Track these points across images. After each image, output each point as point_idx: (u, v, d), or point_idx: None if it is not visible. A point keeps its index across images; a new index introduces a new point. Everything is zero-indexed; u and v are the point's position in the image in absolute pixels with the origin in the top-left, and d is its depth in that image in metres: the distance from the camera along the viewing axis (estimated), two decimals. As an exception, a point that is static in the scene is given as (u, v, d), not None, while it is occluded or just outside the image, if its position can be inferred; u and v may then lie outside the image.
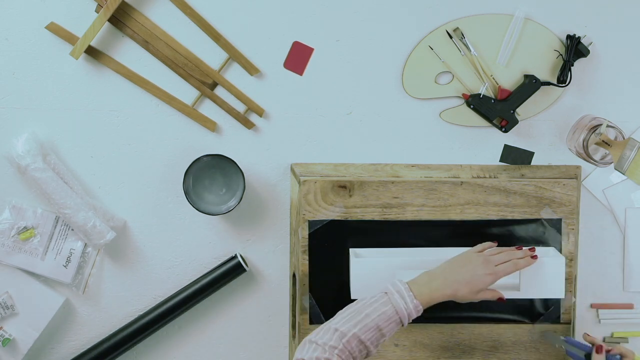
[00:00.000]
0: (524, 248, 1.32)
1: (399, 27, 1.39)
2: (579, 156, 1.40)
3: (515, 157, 1.43)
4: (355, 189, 1.39)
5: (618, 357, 1.29)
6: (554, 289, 1.35)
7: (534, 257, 1.31)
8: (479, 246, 1.32)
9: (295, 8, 1.38)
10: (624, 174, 1.34)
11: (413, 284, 1.21)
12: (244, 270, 1.40)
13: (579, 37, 1.38)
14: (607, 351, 1.28)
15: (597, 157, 1.38)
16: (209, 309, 1.44)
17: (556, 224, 1.39)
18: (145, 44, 1.38)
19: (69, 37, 1.36)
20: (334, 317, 1.17)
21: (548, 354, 1.41)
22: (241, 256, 1.42)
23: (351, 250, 1.38)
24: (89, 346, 1.42)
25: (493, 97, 1.39)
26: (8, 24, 1.36)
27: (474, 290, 1.24)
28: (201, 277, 1.41)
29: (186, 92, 1.40)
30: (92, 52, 1.37)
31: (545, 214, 1.39)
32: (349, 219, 1.39)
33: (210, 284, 1.40)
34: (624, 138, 1.36)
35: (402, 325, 1.18)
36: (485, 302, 1.29)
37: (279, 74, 1.40)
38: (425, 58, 1.40)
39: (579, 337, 1.44)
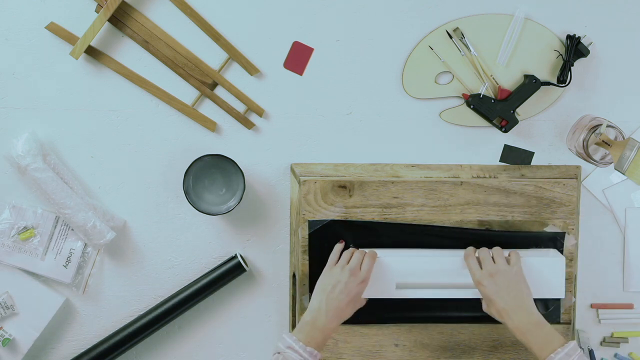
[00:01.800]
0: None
1: (399, 27, 1.39)
2: (579, 156, 1.40)
3: (515, 157, 1.43)
4: (355, 189, 1.39)
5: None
6: (554, 289, 1.35)
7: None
8: (331, 258, 1.33)
9: (295, 8, 1.38)
10: (624, 174, 1.34)
11: (299, 332, 1.22)
12: (244, 270, 1.40)
13: (579, 37, 1.38)
14: None
15: (597, 157, 1.38)
16: (209, 309, 1.44)
17: (559, 238, 1.39)
18: (145, 44, 1.38)
19: (69, 37, 1.36)
20: None
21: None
22: (241, 256, 1.42)
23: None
24: (89, 346, 1.42)
25: (493, 97, 1.39)
26: (8, 24, 1.36)
27: (356, 304, 1.28)
28: (201, 277, 1.41)
29: (186, 92, 1.40)
30: (92, 52, 1.37)
31: (550, 229, 1.39)
32: (349, 219, 1.39)
33: (210, 284, 1.40)
34: (624, 138, 1.36)
35: None
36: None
37: (279, 74, 1.40)
38: (425, 58, 1.40)
39: (578, 338, 1.45)
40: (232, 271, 1.40)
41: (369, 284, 1.30)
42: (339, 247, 1.36)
